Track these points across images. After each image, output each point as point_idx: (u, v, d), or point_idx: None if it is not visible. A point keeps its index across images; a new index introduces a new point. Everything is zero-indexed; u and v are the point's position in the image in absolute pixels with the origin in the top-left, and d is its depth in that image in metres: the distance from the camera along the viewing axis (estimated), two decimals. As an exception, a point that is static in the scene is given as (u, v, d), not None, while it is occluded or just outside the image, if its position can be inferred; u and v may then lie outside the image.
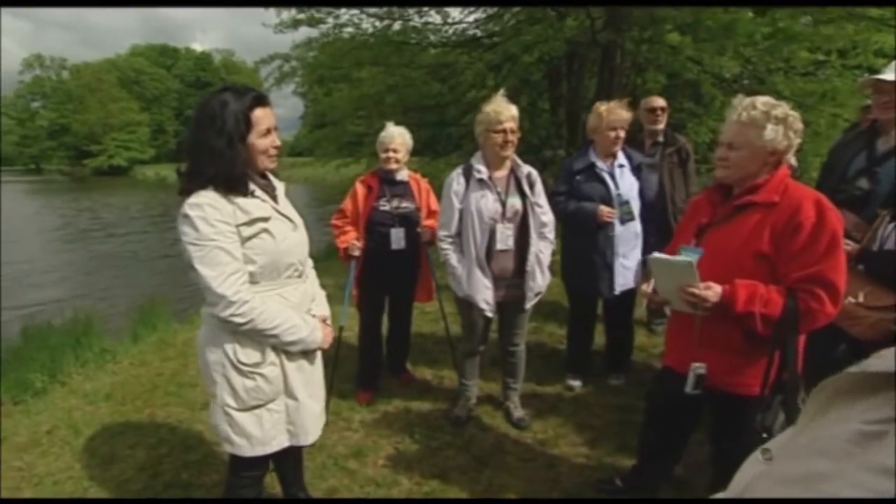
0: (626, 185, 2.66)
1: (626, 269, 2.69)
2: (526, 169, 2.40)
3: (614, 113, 2.59)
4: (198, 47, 76.30)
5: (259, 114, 1.42)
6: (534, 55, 7.60)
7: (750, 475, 0.54)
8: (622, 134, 2.61)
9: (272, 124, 1.46)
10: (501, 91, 2.39)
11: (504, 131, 2.27)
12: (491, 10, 8.60)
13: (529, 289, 2.36)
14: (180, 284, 7.66)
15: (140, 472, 2.32)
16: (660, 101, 3.31)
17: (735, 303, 1.43)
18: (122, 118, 47.58)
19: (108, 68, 50.68)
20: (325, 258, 5.57)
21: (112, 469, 2.36)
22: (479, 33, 9.19)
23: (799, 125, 1.43)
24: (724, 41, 6.15)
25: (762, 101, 1.44)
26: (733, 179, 1.55)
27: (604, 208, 2.58)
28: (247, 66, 57.14)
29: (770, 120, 1.41)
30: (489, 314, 2.37)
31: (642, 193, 2.75)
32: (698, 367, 1.55)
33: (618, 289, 2.68)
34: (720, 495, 0.58)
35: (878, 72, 1.84)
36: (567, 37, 6.73)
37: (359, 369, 2.96)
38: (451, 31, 9.15)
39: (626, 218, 2.63)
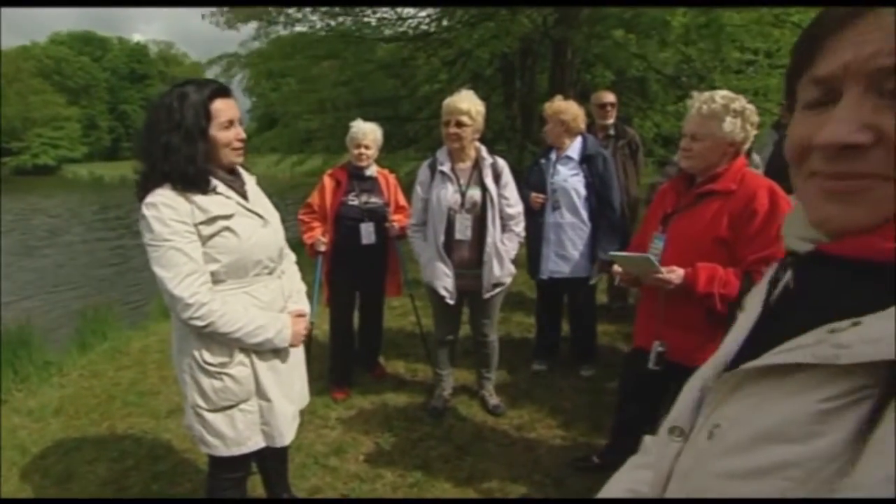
0: (562, 175, 2.75)
1: (558, 257, 2.78)
2: (490, 160, 2.42)
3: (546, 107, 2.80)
4: (138, 37, 70.64)
5: (219, 105, 1.35)
6: (487, 51, 7.72)
7: (670, 460, 0.51)
8: (551, 125, 2.74)
9: (234, 116, 1.39)
10: (468, 86, 2.44)
11: (447, 123, 2.33)
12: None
13: (486, 279, 2.40)
14: (129, 290, 7.19)
15: (104, 488, 2.19)
16: (609, 97, 3.38)
17: (696, 284, 1.54)
18: (45, 112, 43.23)
19: (23, 57, 46.16)
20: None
21: (71, 487, 2.21)
22: (431, 29, 9.20)
23: (755, 118, 1.56)
24: (663, 34, 6.55)
25: (721, 94, 1.55)
26: (697, 169, 1.66)
27: (533, 195, 2.76)
28: (188, 58, 53.94)
29: (729, 113, 1.52)
30: (449, 301, 2.42)
31: (593, 185, 2.73)
32: (659, 345, 1.67)
33: (545, 274, 2.80)
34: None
35: None
36: (520, 33, 6.89)
37: (331, 366, 2.92)
38: (404, 27, 9.11)
39: (555, 206, 2.77)
